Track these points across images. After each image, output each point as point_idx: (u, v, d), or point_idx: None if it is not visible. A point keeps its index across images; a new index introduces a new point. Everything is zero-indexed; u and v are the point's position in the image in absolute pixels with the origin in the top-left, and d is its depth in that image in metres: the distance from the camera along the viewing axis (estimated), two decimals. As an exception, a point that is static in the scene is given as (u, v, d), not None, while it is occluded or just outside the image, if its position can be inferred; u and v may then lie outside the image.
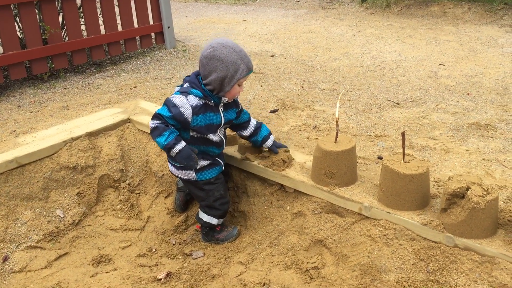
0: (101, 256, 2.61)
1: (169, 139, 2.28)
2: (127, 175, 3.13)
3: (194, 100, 2.32)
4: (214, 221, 2.62)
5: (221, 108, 2.44)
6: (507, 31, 6.09)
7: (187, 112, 2.30)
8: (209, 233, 2.68)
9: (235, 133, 2.86)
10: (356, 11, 7.99)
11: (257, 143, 2.67)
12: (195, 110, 2.32)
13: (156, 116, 2.32)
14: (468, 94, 4.00)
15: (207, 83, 2.34)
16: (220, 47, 2.28)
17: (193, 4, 9.99)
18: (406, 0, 7.89)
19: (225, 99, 2.41)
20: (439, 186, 2.42)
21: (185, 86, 2.38)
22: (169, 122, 2.31)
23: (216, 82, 2.31)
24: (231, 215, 2.84)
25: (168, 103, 2.31)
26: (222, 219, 2.66)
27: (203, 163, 2.50)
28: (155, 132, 2.30)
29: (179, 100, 2.31)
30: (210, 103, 2.37)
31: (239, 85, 2.37)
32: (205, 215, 2.62)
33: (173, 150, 2.30)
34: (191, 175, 2.50)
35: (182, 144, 2.31)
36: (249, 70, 2.35)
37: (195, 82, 2.36)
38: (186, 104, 2.30)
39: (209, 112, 2.38)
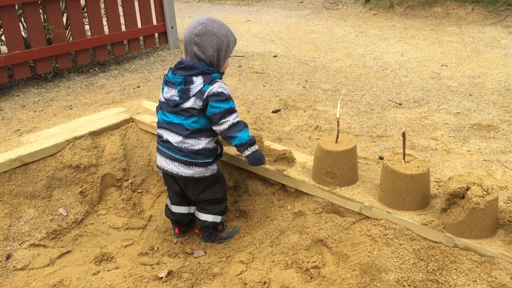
0: (103, 255, 2.63)
1: (250, 135, 2.38)
2: (130, 174, 3.15)
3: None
4: (218, 219, 2.60)
5: None
6: (510, 32, 6.08)
7: None
8: (213, 234, 2.65)
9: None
10: (359, 12, 7.99)
11: None
12: None
13: (234, 111, 2.33)
14: (470, 95, 4.00)
15: (203, 61, 2.34)
16: (210, 22, 2.32)
17: (197, 5, 10.02)
18: (410, 1, 7.89)
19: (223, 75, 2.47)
20: (439, 187, 2.43)
21: (200, 76, 2.30)
22: None
23: (213, 57, 2.33)
24: (232, 214, 2.85)
25: (226, 93, 2.32)
26: (224, 216, 2.65)
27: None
28: (237, 127, 2.32)
29: (225, 87, 2.33)
30: None
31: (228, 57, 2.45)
32: (210, 215, 2.58)
33: (252, 147, 2.39)
34: (215, 168, 2.49)
35: (256, 146, 2.42)
36: (235, 42, 2.45)
37: (206, 67, 2.34)
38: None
39: None
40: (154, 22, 5.80)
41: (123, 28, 5.49)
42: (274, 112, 3.77)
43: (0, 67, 4.37)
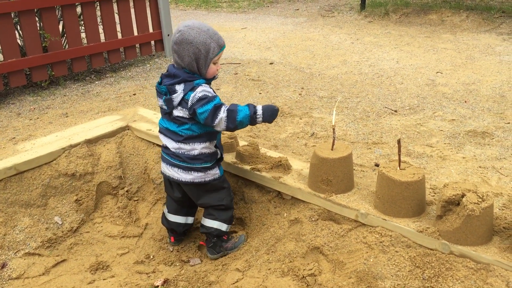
0: (99, 263, 2.62)
1: (246, 108, 2.27)
2: (126, 182, 3.15)
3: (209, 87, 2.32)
4: (224, 227, 2.55)
5: None
6: (504, 39, 6.13)
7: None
8: (218, 244, 2.58)
9: (233, 140, 2.88)
10: (354, 19, 8.04)
11: None
12: None
13: (220, 106, 2.25)
14: (465, 101, 4.02)
15: (185, 68, 2.31)
16: (188, 30, 2.26)
17: (193, 12, 10.06)
18: (405, 8, 7.95)
19: (214, 79, 2.43)
20: (435, 193, 2.44)
21: (182, 84, 2.29)
22: None
23: (192, 65, 2.28)
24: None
25: (209, 94, 2.25)
26: (230, 225, 2.60)
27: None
28: (232, 116, 2.24)
29: (209, 89, 2.28)
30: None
31: (214, 64, 2.34)
32: (216, 221, 2.53)
33: (258, 113, 2.29)
34: (216, 172, 2.46)
35: (259, 106, 2.32)
36: (221, 47, 2.33)
37: (189, 74, 2.30)
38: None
39: None
40: (150, 30, 5.82)
41: (119, 35, 5.50)
42: (270, 119, 3.77)
43: (-5, 75, 4.37)
